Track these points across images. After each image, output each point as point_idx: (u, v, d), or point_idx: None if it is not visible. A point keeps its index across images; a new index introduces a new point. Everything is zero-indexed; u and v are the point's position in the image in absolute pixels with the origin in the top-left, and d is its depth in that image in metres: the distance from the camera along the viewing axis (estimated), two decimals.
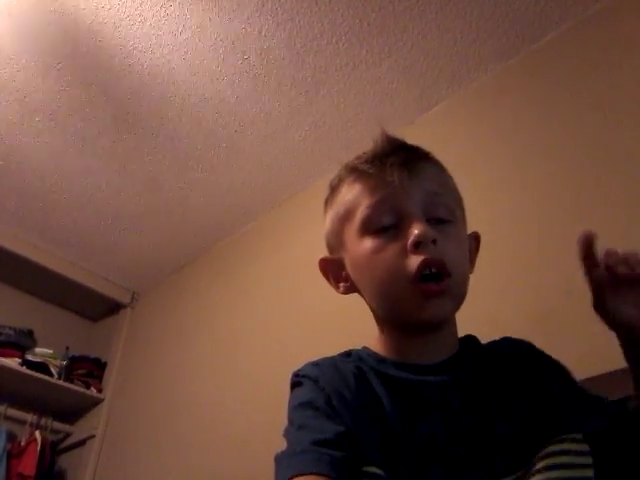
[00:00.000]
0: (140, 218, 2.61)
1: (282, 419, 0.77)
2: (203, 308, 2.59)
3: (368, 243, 0.70)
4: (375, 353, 0.73)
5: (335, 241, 0.77)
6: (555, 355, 0.79)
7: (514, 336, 0.82)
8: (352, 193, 0.74)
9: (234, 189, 2.43)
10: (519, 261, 1.52)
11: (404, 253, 0.67)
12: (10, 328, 2.71)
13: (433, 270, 0.66)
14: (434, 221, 0.69)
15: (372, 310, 0.76)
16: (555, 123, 1.66)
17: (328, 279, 0.79)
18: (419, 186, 0.71)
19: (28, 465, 2.44)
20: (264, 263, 2.39)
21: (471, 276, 0.76)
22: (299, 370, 0.73)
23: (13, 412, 2.60)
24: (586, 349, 1.27)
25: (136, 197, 2.50)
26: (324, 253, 0.81)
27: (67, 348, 2.90)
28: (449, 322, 0.72)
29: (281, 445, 0.67)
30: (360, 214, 0.71)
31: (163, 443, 2.36)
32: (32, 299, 3.03)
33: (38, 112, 2.15)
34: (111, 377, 2.86)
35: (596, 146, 1.53)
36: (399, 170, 0.70)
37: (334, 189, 0.78)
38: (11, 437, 2.56)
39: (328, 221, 0.78)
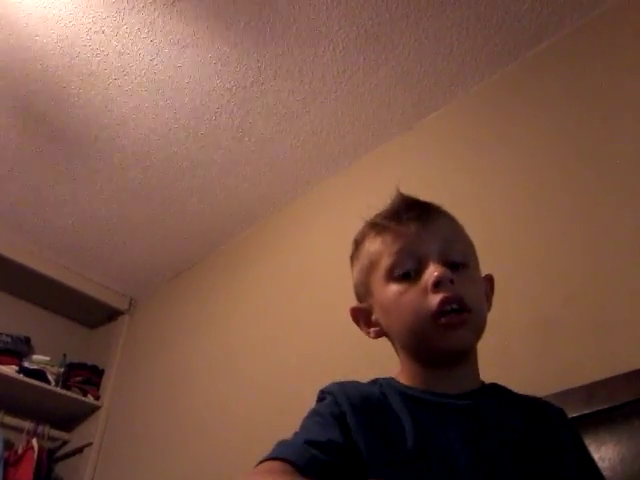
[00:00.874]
0: (137, 225, 2.61)
1: (282, 424, 0.77)
2: (201, 314, 2.59)
3: (393, 288, 0.78)
4: (401, 382, 0.79)
5: (363, 290, 0.85)
6: (553, 361, 0.80)
7: (514, 342, 0.85)
8: (374, 246, 0.82)
9: (232, 195, 2.43)
10: (517, 267, 1.52)
11: (426, 293, 0.74)
12: (7, 335, 2.71)
13: (453, 306, 0.73)
14: (450, 265, 0.77)
15: (397, 350, 0.82)
16: (553, 128, 1.67)
17: (359, 325, 0.86)
18: (434, 234, 0.79)
19: (25, 473, 2.43)
20: (262, 269, 2.39)
21: None
22: (324, 387, 0.79)
23: (10, 420, 2.58)
24: (585, 355, 1.27)
25: (133, 203, 2.50)
26: (322, 258, 0.83)
27: (64, 355, 2.89)
28: (471, 355, 0.79)
29: None
30: (384, 263, 0.79)
31: (161, 450, 2.35)
32: (29, 306, 3.02)
33: (36, 115, 2.15)
34: (109, 384, 2.85)
35: (595, 151, 1.53)
36: (416, 222, 0.79)
37: (358, 244, 0.87)
38: (8, 445, 2.55)
39: (355, 274, 0.87)
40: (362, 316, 0.85)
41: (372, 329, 0.84)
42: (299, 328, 2.06)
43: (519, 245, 1.57)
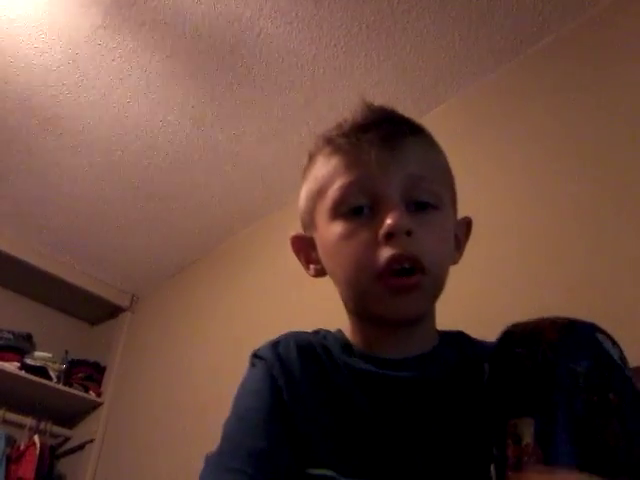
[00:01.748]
0: (139, 221, 2.61)
1: None
2: (203, 311, 2.59)
3: (338, 227, 0.63)
4: (344, 338, 0.69)
5: (307, 219, 0.71)
6: None
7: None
8: (326, 169, 0.67)
9: (233, 193, 2.43)
10: (519, 260, 1.53)
11: (375, 243, 0.60)
12: (9, 332, 2.71)
13: (405, 266, 0.59)
14: (414, 206, 0.62)
15: (341, 296, 0.69)
16: (555, 124, 1.66)
17: (299, 258, 0.74)
18: (400, 167, 0.63)
19: (27, 469, 2.44)
20: (263, 266, 2.39)
21: (471, 271, 0.72)
22: (257, 349, 0.69)
23: (12, 416, 2.59)
24: None
25: (135, 201, 2.50)
26: None
27: (66, 352, 2.90)
28: (425, 317, 0.65)
29: None
30: (331, 194, 0.64)
31: (162, 447, 2.36)
32: (31, 303, 3.03)
33: (38, 116, 2.15)
34: (110, 381, 2.85)
35: (598, 146, 1.53)
36: (378, 147, 0.63)
37: (310, 159, 0.73)
38: (10, 441, 2.56)
39: (302, 196, 0.72)
40: (303, 248, 0.72)
41: (312, 266, 0.71)
42: (300, 324, 2.06)
43: (520, 239, 1.57)
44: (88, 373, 2.85)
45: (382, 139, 0.64)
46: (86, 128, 2.19)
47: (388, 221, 0.59)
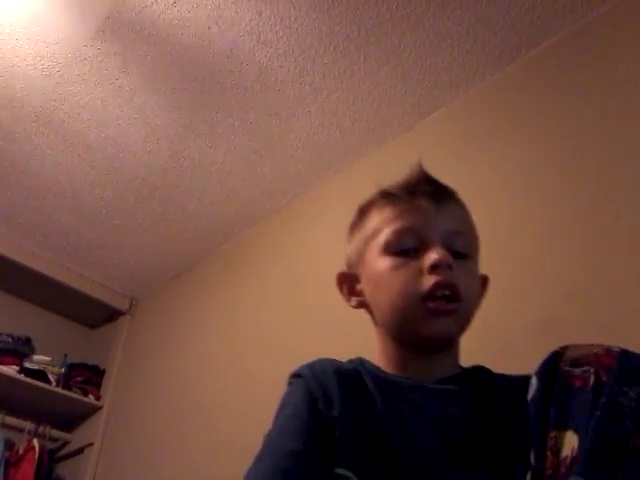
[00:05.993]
0: (139, 225, 2.61)
1: None
2: (202, 315, 2.59)
3: (387, 261, 0.74)
4: (376, 366, 0.76)
5: (355, 258, 0.82)
6: None
7: (514, 341, 0.83)
8: (381, 216, 0.79)
9: (233, 196, 2.43)
10: (518, 265, 1.53)
11: (421, 273, 0.71)
12: (8, 335, 2.71)
13: (446, 293, 0.70)
14: (452, 253, 0.73)
15: (377, 325, 0.79)
16: (555, 128, 1.67)
17: (342, 291, 0.84)
18: (444, 221, 0.76)
19: (26, 473, 2.43)
20: (263, 269, 2.39)
21: None
22: (294, 370, 0.77)
23: (11, 420, 2.59)
24: None
25: (134, 204, 2.50)
26: (323, 258, 0.82)
27: (65, 355, 2.90)
28: (453, 345, 0.76)
29: None
30: (384, 235, 0.76)
31: (162, 451, 2.35)
32: (30, 306, 3.03)
33: (34, 117, 2.15)
34: (109, 384, 2.85)
35: (596, 150, 1.53)
36: (428, 202, 0.76)
37: (363, 212, 0.84)
38: (9, 445, 2.55)
39: (353, 241, 0.83)
40: (347, 283, 0.83)
41: (354, 298, 0.81)
42: (300, 326, 2.06)
43: (520, 243, 1.57)
44: (87, 377, 2.85)
45: (432, 195, 0.77)
46: (85, 130, 2.20)
47: (434, 255, 0.71)
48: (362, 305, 0.80)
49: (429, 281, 0.70)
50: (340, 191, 2.22)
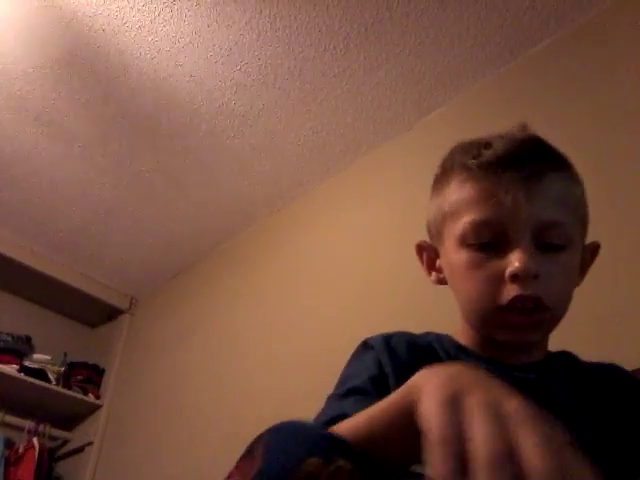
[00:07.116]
0: (138, 224, 2.61)
1: None
2: (202, 313, 2.59)
3: (464, 255, 0.65)
4: (457, 341, 0.71)
5: (435, 232, 0.72)
6: None
7: None
8: (459, 195, 0.67)
9: (232, 195, 2.43)
10: None
11: (500, 279, 0.62)
12: (8, 334, 2.71)
13: (528, 306, 0.61)
14: (543, 246, 0.63)
15: (460, 307, 0.72)
16: (554, 127, 1.66)
17: (422, 261, 0.76)
18: (535, 212, 0.63)
19: (26, 472, 2.44)
20: (263, 268, 2.39)
21: None
22: (369, 338, 0.72)
23: (11, 419, 2.59)
24: (586, 351, 1.27)
25: (134, 203, 2.50)
26: (322, 258, 0.81)
27: (65, 354, 2.90)
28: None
29: None
30: (462, 225, 0.65)
31: (162, 449, 2.35)
32: (30, 305, 3.03)
33: (36, 119, 2.15)
34: (109, 383, 2.85)
35: (596, 149, 1.53)
36: (516, 190, 0.63)
37: (446, 172, 0.72)
38: (9, 444, 2.56)
39: (432, 207, 0.73)
40: (427, 255, 0.75)
41: (434, 273, 0.74)
42: (300, 325, 2.06)
43: None
44: (87, 375, 2.85)
45: (521, 180, 0.63)
46: (84, 130, 2.20)
47: (516, 263, 0.60)
48: (442, 282, 0.73)
49: (509, 292, 0.61)
50: (339, 190, 2.22)
